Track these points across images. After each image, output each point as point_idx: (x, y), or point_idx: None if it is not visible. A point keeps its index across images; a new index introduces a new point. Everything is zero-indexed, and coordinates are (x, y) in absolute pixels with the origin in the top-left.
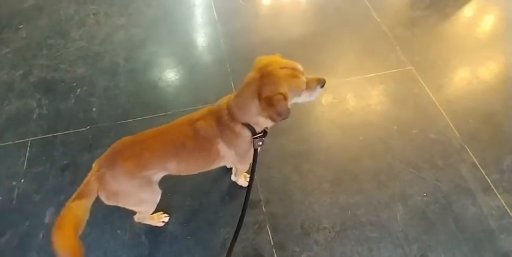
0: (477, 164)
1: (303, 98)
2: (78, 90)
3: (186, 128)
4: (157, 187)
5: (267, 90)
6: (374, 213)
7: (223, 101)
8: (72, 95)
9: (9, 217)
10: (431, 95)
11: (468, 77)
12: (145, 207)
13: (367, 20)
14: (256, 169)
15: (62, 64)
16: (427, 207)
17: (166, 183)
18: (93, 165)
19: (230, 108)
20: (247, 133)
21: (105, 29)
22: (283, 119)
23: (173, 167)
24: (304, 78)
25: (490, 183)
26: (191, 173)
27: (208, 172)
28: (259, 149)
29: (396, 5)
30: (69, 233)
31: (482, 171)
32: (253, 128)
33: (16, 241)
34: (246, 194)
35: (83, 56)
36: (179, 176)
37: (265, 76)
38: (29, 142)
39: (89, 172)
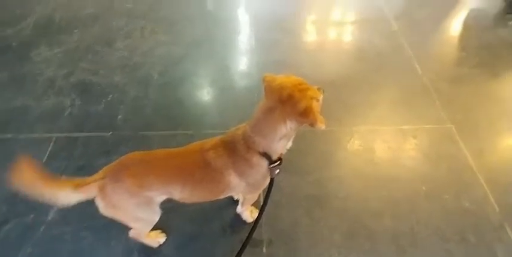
0: None
1: None
2: (110, 96)
3: (196, 157)
4: (157, 208)
5: (301, 106)
6: None
7: (237, 131)
8: (103, 100)
9: (16, 207)
10: (470, 159)
11: None
12: (141, 225)
13: (408, 70)
14: (263, 204)
15: (102, 70)
16: None
17: (169, 203)
18: (101, 170)
19: (247, 137)
20: (264, 163)
21: (149, 43)
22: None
23: (177, 194)
24: (314, 89)
25: None
26: (194, 202)
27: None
28: (268, 177)
29: (442, 58)
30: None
31: None
32: (270, 156)
33: (18, 231)
34: (251, 229)
35: (122, 64)
36: None
37: (289, 98)
38: (55, 137)
39: None
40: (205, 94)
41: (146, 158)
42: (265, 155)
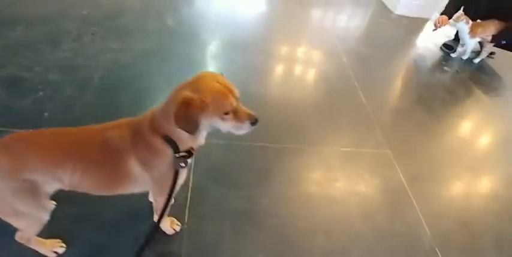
0: None
1: (227, 126)
2: (41, 93)
3: (93, 135)
4: (44, 201)
5: (187, 94)
6: None
7: (149, 112)
8: (32, 96)
9: None
10: (405, 183)
11: (450, 175)
12: (25, 224)
13: (353, 99)
14: (187, 217)
15: (38, 67)
16: None
17: (79, 208)
18: None
19: (153, 117)
20: (167, 150)
21: (96, 48)
22: (190, 133)
23: (67, 179)
24: (233, 102)
25: None
26: (92, 192)
27: (134, 206)
28: (183, 175)
29: (384, 91)
30: None
31: None
32: (176, 145)
33: None
34: (152, 230)
35: (62, 64)
36: (99, 203)
37: (193, 82)
38: None
39: None
40: (145, 101)
41: (32, 136)
42: (170, 142)
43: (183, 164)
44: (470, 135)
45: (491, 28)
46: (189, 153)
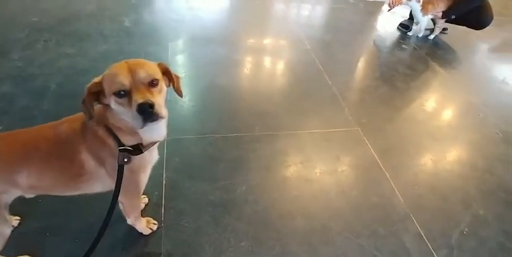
0: (423, 235)
1: (123, 113)
2: None
3: (47, 130)
4: (4, 213)
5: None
6: None
7: None
8: None
9: None
10: (376, 157)
11: (417, 145)
12: None
13: (319, 82)
14: (164, 215)
15: None
16: None
17: (45, 220)
18: None
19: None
20: (109, 141)
21: (51, 55)
22: (85, 115)
23: (23, 180)
24: (124, 81)
25: None
26: (54, 193)
27: (103, 212)
28: (145, 174)
29: (348, 72)
30: None
31: (429, 244)
32: (117, 136)
33: None
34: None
35: (14, 75)
36: (65, 214)
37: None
38: None
39: None
40: None
41: None
42: (111, 132)
43: (125, 160)
44: (431, 106)
45: (440, 5)
46: (138, 149)
